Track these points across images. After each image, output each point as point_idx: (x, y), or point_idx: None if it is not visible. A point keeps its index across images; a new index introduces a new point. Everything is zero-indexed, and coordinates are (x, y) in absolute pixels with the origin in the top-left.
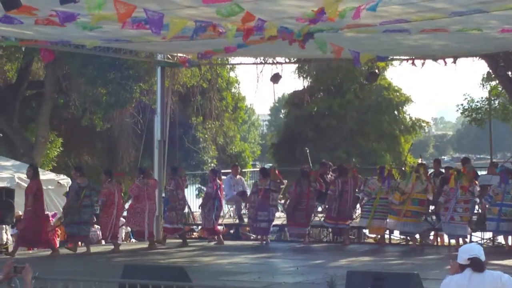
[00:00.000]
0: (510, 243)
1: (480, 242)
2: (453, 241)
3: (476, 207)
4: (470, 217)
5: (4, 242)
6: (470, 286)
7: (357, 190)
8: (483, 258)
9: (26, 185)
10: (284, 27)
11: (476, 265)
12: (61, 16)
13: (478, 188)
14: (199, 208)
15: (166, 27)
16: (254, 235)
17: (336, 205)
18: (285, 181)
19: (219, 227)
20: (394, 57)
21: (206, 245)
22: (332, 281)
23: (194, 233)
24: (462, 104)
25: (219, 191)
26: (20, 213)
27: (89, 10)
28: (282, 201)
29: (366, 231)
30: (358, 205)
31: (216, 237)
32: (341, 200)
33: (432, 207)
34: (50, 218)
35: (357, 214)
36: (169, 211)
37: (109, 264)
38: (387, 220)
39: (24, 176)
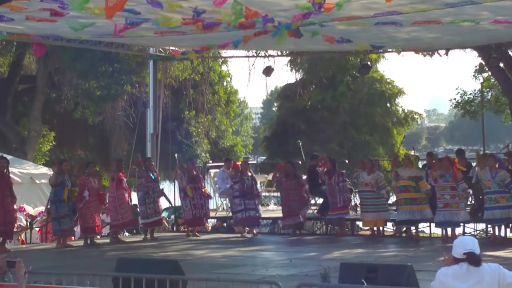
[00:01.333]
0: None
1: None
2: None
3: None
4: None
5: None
6: (467, 278)
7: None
8: (478, 251)
9: (19, 180)
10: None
11: (472, 259)
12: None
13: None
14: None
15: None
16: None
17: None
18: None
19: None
20: (388, 49)
21: (198, 238)
22: (325, 273)
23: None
24: (455, 98)
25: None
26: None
27: (73, 7)
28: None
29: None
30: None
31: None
32: (330, 192)
33: None
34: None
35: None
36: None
37: (103, 258)
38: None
39: (17, 170)
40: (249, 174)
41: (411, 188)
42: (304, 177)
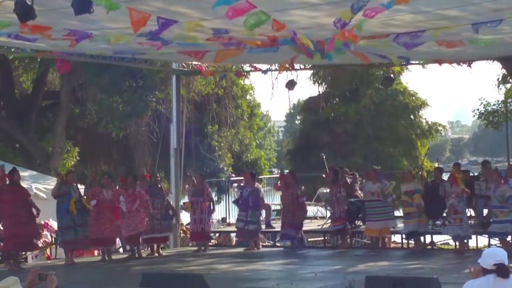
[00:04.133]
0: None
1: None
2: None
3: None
4: (461, 219)
5: (23, 252)
6: None
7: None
8: (507, 263)
9: (44, 196)
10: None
11: (502, 271)
12: (76, 36)
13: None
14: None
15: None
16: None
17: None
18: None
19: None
20: (412, 62)
21: (223, 252)
22: (351, 287)
23: (212, 240)
24: (478, 109)
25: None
26: (43, 222)
27: (108, 8)
28: None
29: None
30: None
31: (201, 243)
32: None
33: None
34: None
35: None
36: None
37: (128, 273)
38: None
39: (42, 186)
40: (253, 185)
41: (406, 202)
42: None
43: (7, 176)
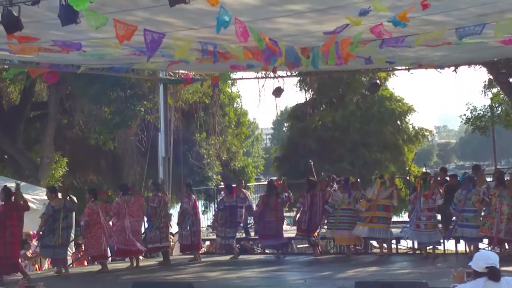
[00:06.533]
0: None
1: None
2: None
3: None
4: (435, 224)
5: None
6: None
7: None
8: (498, 266)
9: (33, 206)
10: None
11: (494, 274)
12: (65, 47)
13: (441, 197)
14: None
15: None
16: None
17: (306, 218)
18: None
19: (200, 243)
20: (398, 67)
21: (213, 260)
22: None
23: (202, 248)
24: (465, 114)
25: (194, 206)
26: (31, 232)
27: (91, 27)
28: (292, 214)
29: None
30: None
31: (194, 252)
32: (311, 213)
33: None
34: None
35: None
36: (153, 231)
37: (118, 282)
38: (358, 227)
39: (31, 197)
40: (242, 196)
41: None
42: None
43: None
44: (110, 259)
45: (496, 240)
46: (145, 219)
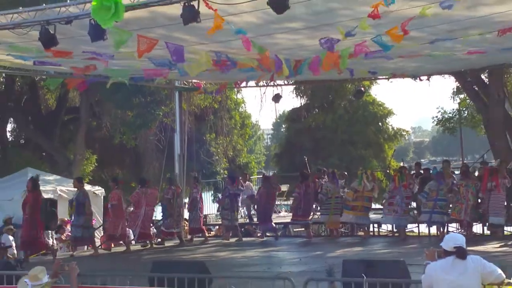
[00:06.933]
0: (443, 231)
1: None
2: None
3: None
4: (409, 210)
5: (50, 245)
6: (453, 270)
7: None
8: (465, 246)
9: (67, 196)
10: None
11: (461, 253)
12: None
13: (417, 187)
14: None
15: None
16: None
17: (301, 205)
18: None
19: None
20: (380, 77)
21: (222, 242)
22: (330, 269)
23: (212, 232)
24: (436, 116)
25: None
26: (66, 219)
27: (116, 47)
28: (289, 202)
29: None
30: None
31: (202, 234)
32: (305, 201)
33: (414, 203)
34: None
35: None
36: (167, 218)
37: (140, 261)
38: (344, 214)
39: (65, 188)
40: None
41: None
42: None
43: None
44: (133, 241)
45: (465, 223)
46: (160, 209)
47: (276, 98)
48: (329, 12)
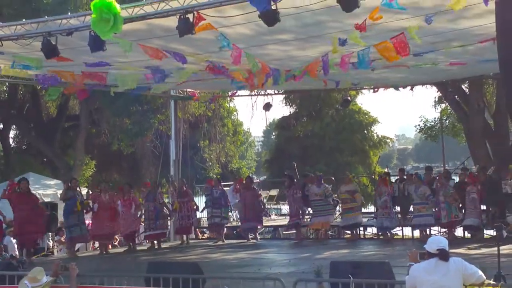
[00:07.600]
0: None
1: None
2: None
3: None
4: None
5: (51, 246)
6: (436, 272)
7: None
8: (448, 249)
9: None
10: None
11: (443, 255)
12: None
13: (397, 191)
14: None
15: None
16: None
17: (293, 208)
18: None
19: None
20: (364, 87)
21: (213, 244)
22: (318, 270)
23: (205, 235)
24: (419, 124)
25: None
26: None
27: (125, 51)
28: (279, 206)
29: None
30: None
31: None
32: (293, 203)
33: (398, 208)
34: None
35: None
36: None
37: (136, 262)
38: (357, 216)
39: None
40: (220, 188)
41: (348, 199)
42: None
43: (17, 184)
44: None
45: (446, 225)
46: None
47: (267, 106)
48: (318, 25)
